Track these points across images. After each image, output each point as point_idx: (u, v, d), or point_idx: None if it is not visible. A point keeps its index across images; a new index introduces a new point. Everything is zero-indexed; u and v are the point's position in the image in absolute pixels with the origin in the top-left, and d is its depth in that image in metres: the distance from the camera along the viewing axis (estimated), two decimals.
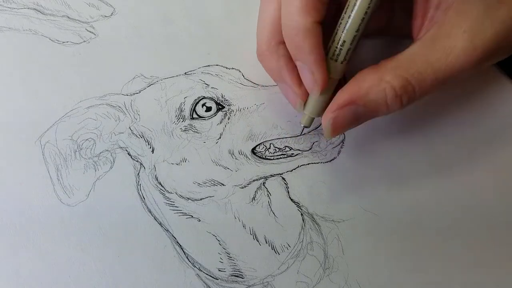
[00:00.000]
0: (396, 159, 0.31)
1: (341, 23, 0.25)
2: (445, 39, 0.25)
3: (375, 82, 0.25)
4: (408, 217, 0.30)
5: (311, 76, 0.26)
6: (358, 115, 0.26)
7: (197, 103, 0.31)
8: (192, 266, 0.27)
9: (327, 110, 0.26)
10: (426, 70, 0.25)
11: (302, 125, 0.28)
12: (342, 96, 0.26)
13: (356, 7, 0.24)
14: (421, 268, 0.29)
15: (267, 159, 0.30)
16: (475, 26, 0.25)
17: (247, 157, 0.30)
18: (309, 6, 0.24)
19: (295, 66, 0.27)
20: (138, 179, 0.29)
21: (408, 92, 0.25)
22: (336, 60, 0.26)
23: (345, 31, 0.25)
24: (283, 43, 0.27)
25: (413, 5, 0.27)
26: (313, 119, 0.28)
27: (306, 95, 0.27)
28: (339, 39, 0.25)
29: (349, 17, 0.25)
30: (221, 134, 0.30)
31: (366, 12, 0.24)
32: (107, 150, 0.29)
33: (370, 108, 0.26)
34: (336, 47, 0.25)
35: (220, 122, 0.30)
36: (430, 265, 0.29)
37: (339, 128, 0.26)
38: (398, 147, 0.31)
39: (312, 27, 0.25)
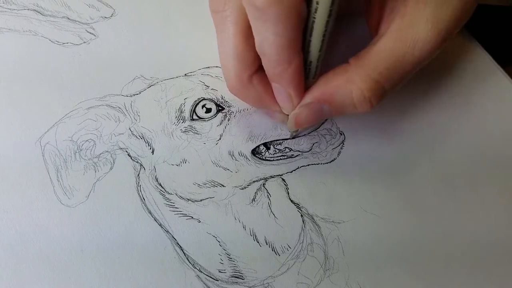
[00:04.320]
0: (396, 160, 0.31)
1: (304, 45, 0.25)
2: (409, 30, 0.24)
3: (342, 83, 0.25)
4: (408, 217, 0.29)
5: (289, 98, 0.26)
6: (324, 112, 0.26)
7: (197, 104, 0.31)
8: (193, 268, 0.27)
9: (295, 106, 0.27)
10: (394, 66, 0.25)
11: (291, 132, 0.30)
12: (310, 95, 0.26)
13: (314, 31, 0.24)
14: (422, 269, 0.29)
15: (267, 160, 0.30)
16: (435, 11, 0.24)
17: (247, 158, 0.30)
18: (293, 42, 0.23)
19: (272, 90, 0.27)
20: (138, 180, 0.29)
21: (377, 92, 0.25)
22: (307, 78, 0.26)
23: (310, 53, 0.25)
24: (255, 72, 0.26)
25: None
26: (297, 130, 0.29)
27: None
28: (306, 61, 0.25)
29: (309, 41, 0.24)
30: (221, 135, 0.30)
31: (324, 34, 0.24)
32: (107, 151, 0.29)
33: (336, 107, 0.26)
34: (305, 68, 0.26)
35: (220, 124, 0.30)
36: (432, 266, 0.29)
37: (302, 123, 0.27)
38: (398, 147, 0.31)
39: (294, 59, 0.24)
